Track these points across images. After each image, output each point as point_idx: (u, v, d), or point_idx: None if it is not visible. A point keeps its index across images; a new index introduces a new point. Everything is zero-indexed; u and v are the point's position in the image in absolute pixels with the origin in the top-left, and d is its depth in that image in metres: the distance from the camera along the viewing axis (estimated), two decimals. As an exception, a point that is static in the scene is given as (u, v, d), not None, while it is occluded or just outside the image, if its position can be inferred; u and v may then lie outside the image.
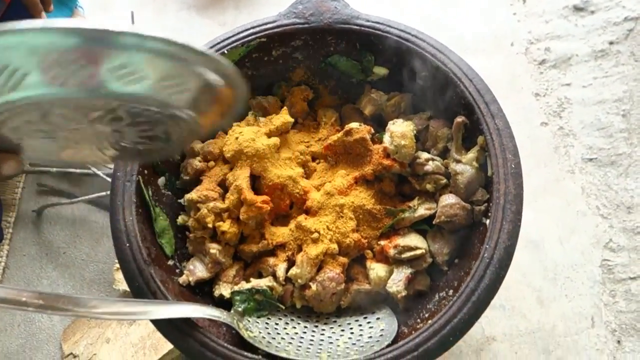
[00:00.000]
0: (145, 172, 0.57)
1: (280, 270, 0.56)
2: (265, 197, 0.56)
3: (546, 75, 1.02)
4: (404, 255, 0.55)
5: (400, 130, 0.57)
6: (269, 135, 0.59)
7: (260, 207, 0.56)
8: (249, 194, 0.56)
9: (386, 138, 0.58)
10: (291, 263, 0.57)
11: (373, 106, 0.62)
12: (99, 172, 0.88)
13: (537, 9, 1.08)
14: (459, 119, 0.57)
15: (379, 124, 0.63)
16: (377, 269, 0.57)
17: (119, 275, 0.84)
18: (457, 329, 0.50)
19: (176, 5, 1.13)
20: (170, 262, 0.57)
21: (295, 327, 0.55)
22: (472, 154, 0.56)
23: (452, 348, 0.80)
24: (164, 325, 0.50)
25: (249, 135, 0.58)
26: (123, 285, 0.83)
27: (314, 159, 0.62)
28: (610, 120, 0.97)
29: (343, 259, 0.56)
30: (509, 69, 1.03)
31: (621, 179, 0.93)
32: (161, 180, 0.61)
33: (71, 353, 0.85)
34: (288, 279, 0.56)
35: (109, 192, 0.78)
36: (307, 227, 0.56)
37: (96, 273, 0.90)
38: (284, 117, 0.61)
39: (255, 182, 0.59)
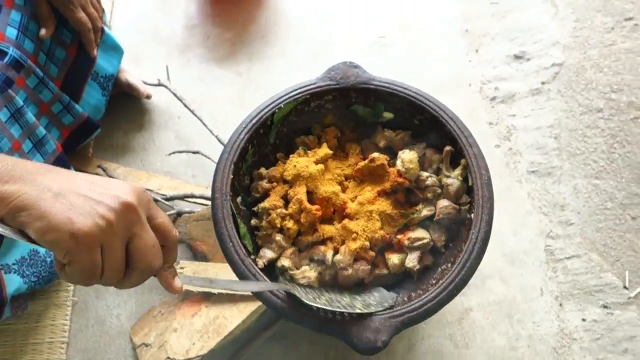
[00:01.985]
0: (231, 193, 0.80)
1: (329, 255, 0.79)
2: (317, 206, 0.81)
3: (497, 108, 1.26)
4: (414, 244, 0.80)
5: (408, 157, 0.82)
6: (316, 163, 0.84)
7: (314, 213, 0.80)
8: (307, 204, 0.80)
9: (398, 163, 0.83)
10: (335, 251, 0.81)
11: (385, 140, 0.88)
12: (158, 198, 1.09)
13: (487, 57, 1.32)
14: (447, 148, 0.83)
15: (389, 152, 0.88)
16: (393, 258, 0.81)
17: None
18: (457, 287, 0.74)
19: (198, 59, 1.33)
20: (252, 257, 0.80)
21: (330, 294, 0.78)
22: (457, 171, 0.82)
23: (440, 317, 1.05)
24: (258, 295, 0.73)
25: (303, 163, 0.82)
26: (184, 286, 1.04)
27: (346, 179, 0.87)
28: (546, 141, 1.21)
29: (372, 253, 0.81)
30: (468, 104, 1.25)
31: (555, 185, 1.16)
32: (239, 199, 0.84)
33: (143, 343, 1.03)
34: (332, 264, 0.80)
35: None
36: (350, 228, 0.80)
37: (154, 280, 1.10)
38: (325, 150, 0.85)
39: (309, 196, 0.83)
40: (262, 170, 0.85)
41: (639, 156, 1.19)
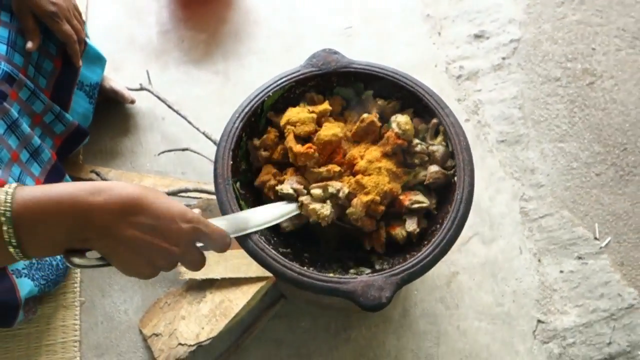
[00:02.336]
0: (233, 178, 0.85)
1: (344, 191, 0.82)
2: (308, 145, 0.84)
3: (463, 85, 1.34)
4: (414, 206, 0.86)
5: (403, 120, 0.87)
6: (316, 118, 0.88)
7: (307, 152, 0.83)
8: (295, 147, 0.83)
9: (394, 126, 0.87)
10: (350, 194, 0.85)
11: (377, 109, 0.93)
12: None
13: (449, 39, 1.41)
14: (434, 120, 0.89)
15: (381, 120, 0.93)
16: (400, 231, 0.87)
17: (183, 268, 1.09)
18: (448, 243, 0.80)
19: (175, 62, 1.37)
20: (257, 235, 0.85)
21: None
22: (439, 139, 0.89)
23: (429, 280, 1.12)
24: (271, 268, 0.78)
25: (295, 111, 0.87)
26: (188, 275, 1.08)
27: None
28: (511, 112, 1.30)
29: (381, 207, 0.83)
30: (437, 84, 1.33)
31: (524, 152, 1.25)
32: (238, 184, 0.90)
33: (153, 333, 1.07)
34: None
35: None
36: (363, 183, 0.83)
37: None
38: (325, 105, 0.89)
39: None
40: (255, 141, 0.90)
41: (597, 118, 1.29)
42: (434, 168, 0.87)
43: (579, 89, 1.33)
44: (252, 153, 0.92)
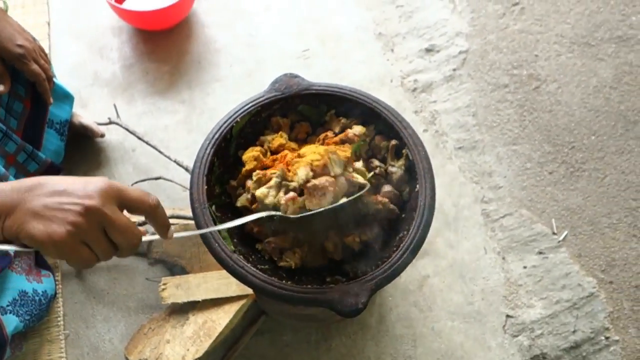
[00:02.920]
0: (207, 202, 0.90)
1: (301, 172, 0.83)
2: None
3: (419, 98, 1.41)
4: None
5: (358, 128, 0.93)
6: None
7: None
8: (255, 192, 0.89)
9: (350, 131, 0.94)
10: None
11: (340, 127, 0.97)
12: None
13: (402, 54, 1.48)
14: (393, 142, 0.95)
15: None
16: (354, 239, 0.93)
17: (166, 293, 1.11)
18: (416, 246, 0.83)
19: (141, 94, 1.40)
20: (235, 255, 0.90)
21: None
22: (401, 162, 0.95)
23: (402, 285, 1.17)
24: (246, 281, 0.82)
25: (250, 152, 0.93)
26: (170, 300, 1.11)
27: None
28: (466, 120, 1.37)
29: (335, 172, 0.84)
30: (394, 98, 1.40)
31: (481, 156, 1.32)
32: (213, 207, 0.94)
33: (140, 359, 1.11)
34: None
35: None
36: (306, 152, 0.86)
37: (138, 302, 1.14)
38: (278, 141, 0.94)
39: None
40: (232, 182, 0.95)
41: (545, 120, 1.37)
42: (387, 187, 0.92)
43: (526, 94, 1.41)
44: (232, 193, 0.96)
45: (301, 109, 1.01)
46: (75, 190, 0.61)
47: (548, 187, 1.29)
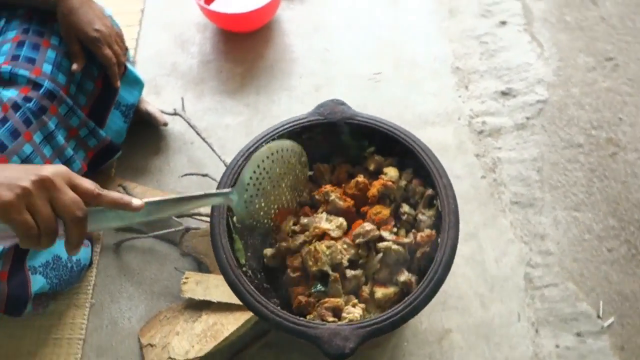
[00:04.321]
0: (228, 213, 0.91)
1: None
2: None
3: (484, 141, 1.34)
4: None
5: (392, 172, 0.93)
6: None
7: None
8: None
9: (383, 176, 0.93)
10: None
11: (375, 164, 0.97)
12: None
13: (476, 93, 1.42)
14: (429, 191, 0.92)
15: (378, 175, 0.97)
16: (378, 292, 0.91)
17: (186, 287, 1.14)
18: (420, 304, 0.80)
19: (211, 91, 1.46)
20: (244, 269, 0.91)
21: None
22: (432, 212, 0.92)
23: (421, 334, 1.13)
24: (249, 305, 0.83)
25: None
26: (188, 294, 1.13)
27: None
28: (529, 174, 1.28)
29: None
30: (457, 137, 1.34)
31: (537, 216, 1.23)
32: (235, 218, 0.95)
33: (149, 344, 1.13)
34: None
35: (170, 230, 1.18)
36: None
37: (162, 288, 1.18)
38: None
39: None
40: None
41: (616, 190, 1.27)
42: (427, 232, 0.89)
43: (601, 159, 1.31)
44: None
45: (344, 139, 1.00)
46: (31, 166, 0.67)
47: (603, 265, 1.19)
